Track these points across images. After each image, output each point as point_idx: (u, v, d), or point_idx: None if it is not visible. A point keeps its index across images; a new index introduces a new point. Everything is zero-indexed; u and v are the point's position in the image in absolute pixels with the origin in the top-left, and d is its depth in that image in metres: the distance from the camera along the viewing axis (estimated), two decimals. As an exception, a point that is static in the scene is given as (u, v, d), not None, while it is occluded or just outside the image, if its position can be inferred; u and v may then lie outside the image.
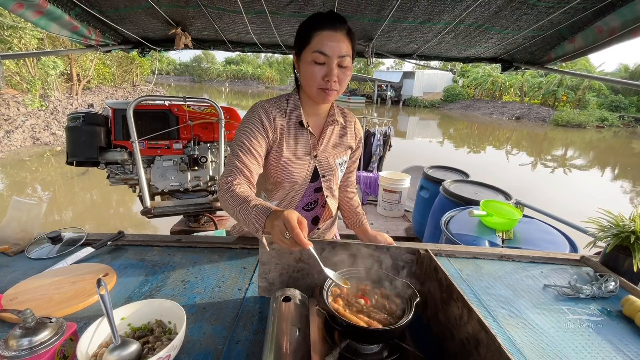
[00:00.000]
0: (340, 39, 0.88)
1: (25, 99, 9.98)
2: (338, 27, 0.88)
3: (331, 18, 0.90)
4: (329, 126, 1.07)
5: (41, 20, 1.35)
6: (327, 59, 0.88)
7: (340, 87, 0.94)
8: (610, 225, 1.10)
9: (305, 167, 1.04)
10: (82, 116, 2.07)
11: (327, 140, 1.08)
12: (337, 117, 1.09)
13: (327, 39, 0.87)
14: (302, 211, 1.15)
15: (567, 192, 7.31)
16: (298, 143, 1.03)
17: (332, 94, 0.94)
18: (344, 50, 0.89)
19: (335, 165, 1.09)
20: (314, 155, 1.05)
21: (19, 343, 0.58)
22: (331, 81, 0.90)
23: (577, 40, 1.41)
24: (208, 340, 0.73)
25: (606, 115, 20.71)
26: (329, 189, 1.11)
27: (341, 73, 0.92)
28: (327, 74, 0.90)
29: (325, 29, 0.88)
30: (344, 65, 0.91)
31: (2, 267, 0.99)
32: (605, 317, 0.88)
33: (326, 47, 0.87)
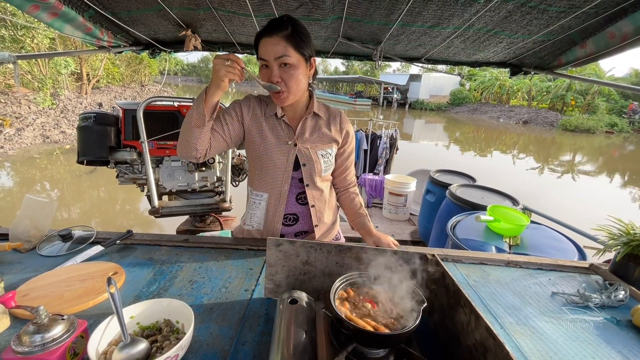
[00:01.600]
0: (276, 42, 0.94)
1: (36, 98, 10.15)
2: (274, 33, 0.95)
3: (269, 26, 0.96)
4: (306, 118, 1.13)
5: (56, 22, 1.38)
6: (267, 62, 0.96)
7: (289, 87, 0.99)
8: (621, 234, 1.09)
9: (285, 154, 1.10)
10: (94, 116, 2.10)
11: (306, 131, 1.13)
12: (317, 111, 1.14)
13: (264, 45, 0.96)
14: (297, 205, 1.18)
15: (575, 198, 7.22)
16: (275, 132, 1.11)
17: (281, 97, 1.01)
18: (280, 51, 0.94)
19: (317, 156, 1.13)
20: (293, 145, 1.11)
21: (31, 339, 0.59)
22: (273, 80, 0.97)
23: (588, 46, 1.40)
24: (215, 341, 0.74)
25: (616, 121, 20.39)
26: (309, 179, 1.14)
27: (283, 72, 0.97)
28: (271, 75, 0.97)
29: (264, 37, 0.96)
30: (287, 63, 0.96)
31: (15, 264, 1.01)
32: (614, 327, 0.87)
33: (263, 52, 0.96)
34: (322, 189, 1.19)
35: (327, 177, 1.21)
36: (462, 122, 22.47)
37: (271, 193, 1.14)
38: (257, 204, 1.17)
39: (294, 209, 1.18)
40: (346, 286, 0.76)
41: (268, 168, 1.11)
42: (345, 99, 31.20)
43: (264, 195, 1.15)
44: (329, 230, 1.29)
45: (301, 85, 1.02)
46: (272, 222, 1.17)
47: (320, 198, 1.20)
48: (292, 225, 1.20)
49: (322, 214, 1.22)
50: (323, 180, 1.18)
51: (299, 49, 0.96)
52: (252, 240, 1.23)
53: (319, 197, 1.19)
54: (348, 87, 41.94)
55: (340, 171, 1.25)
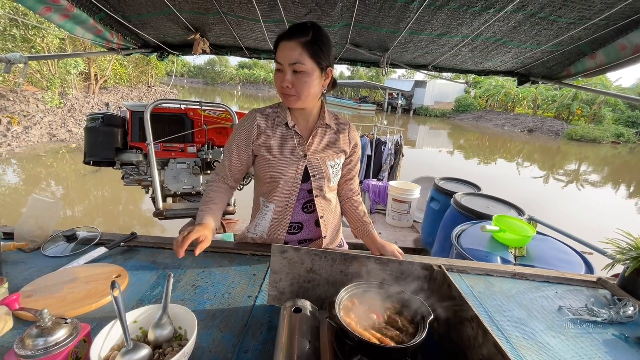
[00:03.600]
0: (292, 48, 0.94)
1: (45, 96, 10.27)
2: (293, 38, 0.95)
3: (291, 30, 0.97)
4: (318, 128, 1.12)
5: (67, 24, 1.39)
6: (282, 66, 0.97)
7: (299, 92, 0.99)
8: (630, 248, 1.07)
9: (295, 165, 1.09)
10: (101, 117, 2.12)
11: (317, 142, 1.13)
12: (328, 122, 1.14)
13: (282, 48, 0.96)
14: (303, 213, 1.18)
15: (581, 208, 7.15)
16: (285, 143, 1.10)
17: (290, 99, 1.01)
18: (295, 57, 0.95)
19: (326, 166, 1.13)
20: (303, 155, 1.10)
21: (34, 342, 0.58)
22: (284, 86, 0.98)
23: (598, 57, 1.39)
24: (217, 348, 0.73)
25: (622, 131, 20.22)
26: (319, 189, 1.14)
27: (295, 78, 0.98)
28: (282, 80, 0.98)
29: (283, 40, 0.96)
30: (299, 71, 0.97)
31: (19, 264, 1.02)
32: (623, 343, 0.85)
33: (280, 56, 0.97)
34: (330, 199, 1.19)
35: (334, 186, 1.21)
36: (466, 130, 22.41)
37: (278, 204, 1.13)
38: (264, 214, 1.17)
39: (299, 217, 1.18)
40: (351, 296, 0.75)
41: (277, 179, 1.09)
42: (349, 103, 31.26)
43: (271, 206, 1.14)
44: (334, 239, 1.29)
45: (312, 93, 1.01)
46: (276, 232, 1.17)
47: (329, 208, 1.20)
48: (296, 233, 1.20)
49: (330, 224, 1.22)
50: (331, 190, 1.18)
51: (314, 57, 0.96)
52: (255, 245, 1.22)
53: (327, 208, 1.19)
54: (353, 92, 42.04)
55: (345, 179, 1.25)
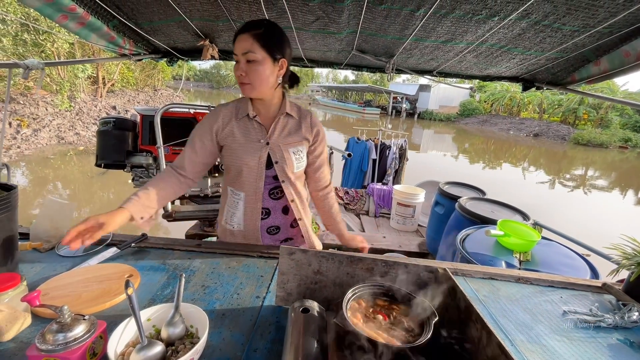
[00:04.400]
0: (245, 39, 1.02)
1: (55, 100, 10.45)
2: (245, 31, 1.03)
3: (245, 25, 1.05)
4: (279, 117, 1.19)
5: (82, 31, 1.44)
6: (237, 57, 1.05)
7: (252, 80, 1.06)
8: (635, 253, 1.07)
9: (258, 153, 1.15)
10: (113, 121, 2.17)
11: (279, 130, 1.19)
12: (289, 111, 1.20)
13: (237, 41, 1.04)
14: (270, 199, 1.23)
15: (587, 213, 7.09)
16: (247, 133, 1.17)
17: (245, 87, 1.08)
18: (247, 47, 1.02)
19: (288, 153, 1.18)
20: (265, 143, 1.16)
21: (55, 338, 0.61)
22: (237, 74, 1.06)
23: (602, 63, 1.40)
24: (227, 347, 0.75)
25: (630, 136, 20.02)
26: (284, 175, 1.19)
27: (248, 68, 1.04)
28: (237, 69, 1.06)
29: (238, 34, 1.04)
30: (250, 60, 1.03)
31: (35, 263, 1.05)
32: (628, 349, 0.85)
33: (235, 47, 1.05)
34: (297, 185, 1.24)
35: (300, 173, 1.27)
36: (471, 134, 22.34)
37: (247, 191, 1.20)
38: (236, 203, 1.23)
39: (266, 203, 1.23)
40: (358, 297, 0.77)
41: (242, 168, 1.16)
42: (354, 107, 31.34)
43: (241, 194, 1.21)
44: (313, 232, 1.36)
45: (265, 82, 1.08)
46: (251, 219, 1.23)
47: (298, 193, 1.25)
48: (265, 219, 1.25)
49: (303, 207, 1.28)
50: (297, 177, 1.24)
51: (266, 47, 1.03)
52: (263, 247, 1.25)
53: (297, 192, 1.24)
54: (357, 95, 42.16)
55: (312, 169, 1.30)
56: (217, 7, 1.38)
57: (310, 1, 1.23)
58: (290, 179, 1.21)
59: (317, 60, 2.08)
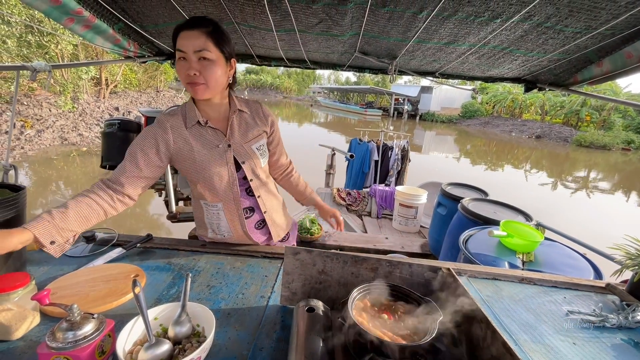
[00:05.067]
0: (196, 36, 0.95)
1: (58, 101, 10.52)
2: (195, 27, 0.96)
3: (191, 21, 0.97)
4: (232, 117, 1.13)
5: (88, 34, 1.46)
6: (186, 54, 0.95)
7: (207, 80, 0.99)
8: (638, 254, 1.08)
9: (223, 159, 1.10)
10: (118, 123, 2.19)
11: (236, 130, 1.14)
12: (240, 107, 1.16)
13: (184, 37, 0.95)
14: (248, 197, 1.20)
15: (590, 215, 7.06)
16: (205, 141, 1.09)
17: (199, 88, 0.99)
18: (200, 45, 0.95)
19: (252, 150, 1.16)
20: (227, 146, 1.11)
21: (65, 336, 0.62)
22: (191, 73, 0.96)
23: (604, 64, 1.41)
24: (233, 346, 0.76)
25: (633, 138, 19.92)
26: (252, 173, 1.17)
27: (202, 67, 0.97)
28: (188, 68, 0.96)
29: (183, 30, 0.96)
30: (206, 58, 0.97)
31: (42, 263, 1.06)
32: (632, 349, 0.86)
33: (183, 44, 0.95)
34: (264, 181, 1.23)
35: (266, 167, 1.25)
36: (473, 135, 22.31)
37: (225, 200, 1.15)
38: (216, 215, 1.18)
39: (245, 203, 1.19)
40: (363, 296, 0.78)
41: (213, 178, 1.09)
42: (356, 109, 31.37)
43: (219, 205, 1.16)
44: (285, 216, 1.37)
45: (220, 82, 1.02)
46: (237, 224, 1.20)
47: (264, 187, 1.23)
48: (249, 217, 1.22)
49: (269, 201, 1.26)
50: (263, 171, 1.22)
51: (219, 46, 0.98)
52: (266, 247, 1.26)
53: (262, 187, 1.22)
54: (359, 97, 42.20)
55: (274, 159, 1.32)
56: (221, 10, 1.39)
57: (314, 4, 1.24)
58: (259, 175, 1.18)
59: (320, 62, 2.09)
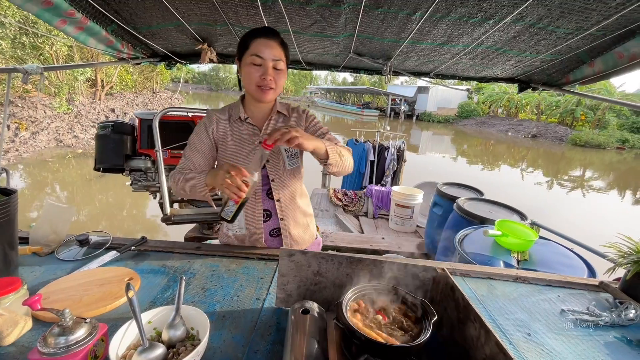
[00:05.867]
0: (273, 46, 1.06)
1: (53, 103, 10.45)
2: (271, 37, 1.06)
3: (267, 31, 1.08)
4: (272, 116, 1.20)
5: (81, 35, 1.45)
6: (263, 61, 1.05)
7: (278, 86, 1.11)
8: (631, 252, 1.08)
9: (251, 154, 1.16)
10: (111, 125, 2.17)
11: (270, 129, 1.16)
12: (280, 110, 1.22)
13: (262, 44, 1.05)
14: (268, 199, 1.22)
15: (585, 214, 7.12)
16: (240, 135, 1.18)
17: (269, 92, 1.09)
18: (278, 54, 1.06)
19: (279, 150, 1.19)
20: (258, 142, 1.16)
21: (56, 341, 0.61)
22: (267, 79, 1.06)
23: (596, 64, 1.42)
24: (228, 348, 0.75)
25: (627, 137, 20.13)
26: (274, 173, 1.19)
27: (276, 74, 1.08)
28: (263, 73, 1.06)
29: (263, 37, 1.05)
30: (279, 68, 1.08)
31: (34, 267, 1.05)
32: (625, 346, 0.86)
33: (262, 51, 1.04)
34: (288, 185, 1.23)
35: (295, 173, 1.24)
36: (469, 135, 22.42)
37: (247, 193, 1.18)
38: None
39: (265, 204, 1.22)
40: (357, 298, 0.78)
41: None
42: (352, 109, 31.41)
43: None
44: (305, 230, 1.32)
45: (282, 87, 1.14)
46: (253, 222, 1.22)
47: (287, 193, 1.23)
48: (267, 221, 1.24)
49: (290, 209, 1.25)
50: (290, 175, 1.22)
51: (287, 58, 1.11)
52: (262, 249, 1.25)
53: (284, 192, 1.22)
54: (356, 97, 42.27)
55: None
56: (215, 12, 1.39)
57: (308, 5, 1.24)
58: (282, 178, 1.20)
59: (315, 62, 2.09)
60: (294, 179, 1.25)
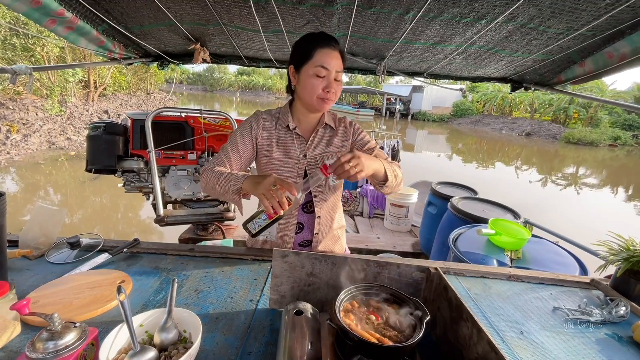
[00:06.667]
0: (337, 57, 1.04)
1: (45, 105, 10.32)
2: (335, 46, 1.04)
3: (331, 39, 1.05)
4: (319, 128, 1.17)
5: (71, 35, 1.43)
6: (328, 72, 1.02)
7: (336, 98, 1.08)
8: (621, 249, 1.10)
9: (295, 166, 1.14)
10: (103, 126, 2.15)
11: (317, 142, 1.17)
12: (328, 121, 1.19)
13: (328, 55, 1.02)
14: (303, 213, 1.20)
15: (578, 211, 7.19)
16: (286, 145, 1.15)
17: (329, 103, 1.07)
18: (340, 66, 1.05)
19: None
20: (303, 156, 1.14)
21: (45, 346, 0.60)
22: (331, 92, 1.04)
23: (587, 64, 1.43)
24: (221, 351, 0.75)
25: (619, 134, 20.42)
26: (318, 190, 1.17)
27: (337, 85, 1.06)
28: (327, 86, 1.04)
29: (326, 47, 1.02)
30: (338, 79, 1.06)
31: (24, 271, 1.04)
32: (615, 343, 0.87)
33: (327, 62, 1.01)
34: (329, 200, 1.21)
35: (336, 188, 1.23)
36: (464, 134, 22.56)
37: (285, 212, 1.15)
38: None
39: (299, 217, 1.21)
40: (351, 298, 0.78)
41: None
42: (348, 109, 31.42)
43: None
44: (334, 242, 1.30)
45: None
46: (284, 232, 1.20)
47: (326, 209, 1.22)
48: (298, 233, 1.22)
49: (327, 225, 1.24)
50: (332, 191, 1.21)
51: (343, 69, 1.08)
52: (256, 250, 1.25)
53: (325, 208, 1.21)
54: (351, 97, 42.31)
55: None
56: (207, 11, 1.38)
57: (301, 5, 1.24)
58: (325, 194, 1.18)
59: (309, 63, 2.09)
60: (334, 194, 1.23)
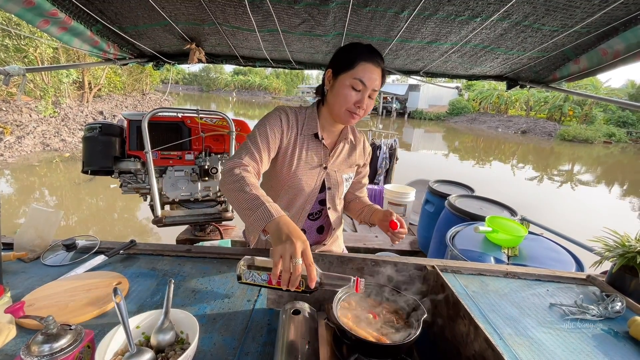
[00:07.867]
0: (378, 74, 0.99)
1: (38, 106, 10.23)
2: (379, 63, 1.00)
3: (377, 55, 1.00)
4: (341, 142, 1.15)
5: (64, 36, 1.41)
6: (364, 88, 0.98)
7: (364, 115, 1.04)
8: (616, 245, 1.11)
9: (315, 177, 1.12)
10: (99, 127, 2.13)
11: (337, 155, 1.16)
12: (349, 135, 1.17)
13: (370, 71, 0.97)
14: (308, 220, 1.20)
15: (574, 208, 7.24)
16: (311, 154, 1.11)
17: (356, 119, 1.04)
18: (378, 85, 1.01)
19: (342, 179, 1.16)
20: (324, 167, 1.12)
21: (40, 349, 0.60)
22: (362, 107, 1.00)
23: (581, 62, 1.44)
24: (219, 351, 0.75)
25: (613, 131, 20.60)
26: (332, 202, 1.17)
27: (369, 103, 1.02)
28: (359, 101, 0.99)
29: (370, 62, 0.97)
30: (372, 97, 1.02)
31: (19, 273, 1.03)
32: (611, 338, 0.88)
33: (367, 77, 0.97)
34: (339, 210, 1.23)
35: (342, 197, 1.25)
36: (460, 132, 22.65)
37: (293, 212, 1.14)
38: None
39: (304, 224, 1.21)
40: (348, 297, 0.78)
41: (297, 187, 1.09)
42: (344, 108, 31.33)
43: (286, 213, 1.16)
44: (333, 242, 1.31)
45: None
46: None
47: (336, 217, 1.23)
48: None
49: (335, 232, 1.26)
50: (341, 202, 1.23)
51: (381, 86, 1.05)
52: (254, 250, 1.24)
53: (335, 216, 1.22)
54: (347, 96, 42.29)
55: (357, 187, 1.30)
56: (202, 11, 1.37)
57: (296, 4, 1.24)
58: (336, 204, 1.18)
59: (305, 62, 2.08)
60: (341, 204, 1.25)
